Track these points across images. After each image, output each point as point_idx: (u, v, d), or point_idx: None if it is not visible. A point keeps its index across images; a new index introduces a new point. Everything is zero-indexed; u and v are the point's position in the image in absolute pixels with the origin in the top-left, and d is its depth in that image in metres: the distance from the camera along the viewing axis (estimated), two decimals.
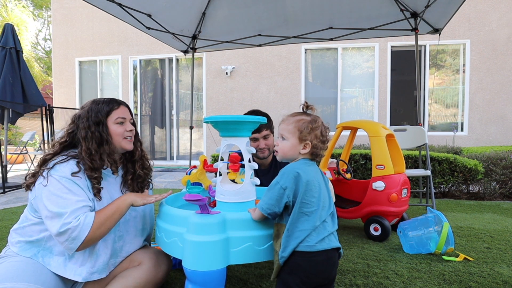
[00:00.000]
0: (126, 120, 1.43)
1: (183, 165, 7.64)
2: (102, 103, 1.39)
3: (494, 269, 1.80)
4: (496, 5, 6.70)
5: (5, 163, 4.77)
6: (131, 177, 1.47)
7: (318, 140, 1.22)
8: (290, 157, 1.25)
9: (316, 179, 1.18)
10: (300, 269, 1.11)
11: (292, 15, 3.62)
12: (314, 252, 1.10)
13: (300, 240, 1.11)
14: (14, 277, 1.14)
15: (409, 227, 2.11)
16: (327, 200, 1.19)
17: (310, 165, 1.22)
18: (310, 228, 1.12)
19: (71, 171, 1.25)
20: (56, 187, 1.20)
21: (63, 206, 1.17)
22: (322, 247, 1.11)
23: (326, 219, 1.16)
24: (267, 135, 2.16)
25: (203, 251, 1.18)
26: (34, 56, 15.70)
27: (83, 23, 8.33)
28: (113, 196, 1.38)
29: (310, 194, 1.14)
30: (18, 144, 8.58)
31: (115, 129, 1.39)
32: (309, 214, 1.13)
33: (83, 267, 1.27)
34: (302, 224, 1.13)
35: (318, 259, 1.11)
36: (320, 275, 1.12)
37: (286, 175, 1.16)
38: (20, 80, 4.83)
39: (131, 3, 3.11)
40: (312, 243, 1.10)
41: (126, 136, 1.42)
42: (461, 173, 3.81)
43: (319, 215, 1.14)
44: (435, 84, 7.04)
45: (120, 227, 1.36)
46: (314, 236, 1.11)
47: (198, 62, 7.70)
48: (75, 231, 1.15)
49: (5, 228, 2.64)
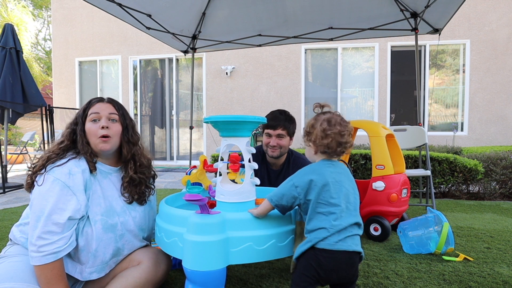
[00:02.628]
0: (100, 115, 1.30)
1: (183, 165, 7.64)
2: (87, 102, 1.36)
3: (494, 269, 1.80)
4: (496, 5, 6.70)
5: (5, 163, 4.77)
6: (127, 180, 1.39)
7: (320, 137, 1.19)
8: (313, 160, 1.27)
9: (336, 180, 1.16)
10: (317, 263, 1.10)
11: (292, 15, 3.62)
12: (333, 251, 1.09)
13: (320, 237, 1.10)
14: (14, 277, 1.15)
15: (409, 227, 2.11)
16: (352, 201, 1.17)
17: (329, 166, 1.20)
18: (328, 226, 1.11)
19: (69, 172, 1.22)
20: (47, 189, 1.19)
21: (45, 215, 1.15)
22: (342, 247, 1.10)
23: (351, 221, 1.14)
24: (281, 135, 2.11)
25: (203, 251, 1.18)
26: (34, 56, 15.70)
27: (83, 23, 8.33)
28: (106, 198, 1.33)
29: (328, 195, 1.13)
30: (18, 144, 8.58)
31: (89, 127, 1.30)
32: (328, 214, 1.12)
33: (82, 266, 1.27)
34: (321, 222, 1.12)
35: (337, 256, 1.10)
36: (335, 273, 1.11)
37: (301, 175, 1.18)
38: (20, 80, 4.83)
39: (131, 3, 3.11)
40: (332, 242, 1.10)
41: (99, 135, 1.28)
42: (461, 173, 3.81)
43: (340, 215, 1.12)
44: (435, 84, 7.04)
45: (120, 227, 1.35)
46: (335, 235, 1.10)
47: (198, 62, 7.70)
48: (40, 252, 1.14)
49: (5, 228, 2.64)
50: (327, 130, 1.18)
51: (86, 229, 1.25)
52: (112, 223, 1.31)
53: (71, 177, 1.22)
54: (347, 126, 1.21)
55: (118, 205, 1.36)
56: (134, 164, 1.40)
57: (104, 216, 1.29)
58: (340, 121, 1.21)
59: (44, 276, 1.15)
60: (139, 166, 1.41)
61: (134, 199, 1.41)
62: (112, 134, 1.32)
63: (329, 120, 1.20)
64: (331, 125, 1.19)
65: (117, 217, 1.34)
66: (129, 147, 1.38)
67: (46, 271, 1.15)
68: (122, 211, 1.36)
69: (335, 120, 1.20)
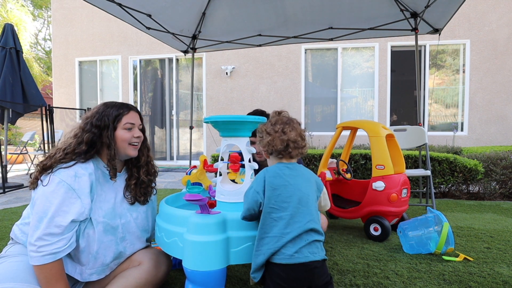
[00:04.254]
0: (135, 126, 1.40)
1: (183, 165, 7.64)
2: (112, 107, 1.37)
3: (494, 269, 1.80)
4: (496, 5, 6.70)
5: (5, 163, 4.77)
6: (134, 182, 1.43)
7: (265, 138, 1.20)
8: (269, 164, 1.26)
9: (290, 183, 1.13)
10: (281, 279, 1.06)
11: (292, 15, 3.63)
12: (291, 265, 1.05)
13: (270, 250, 1.06)
14: (14, 277, 1.15)
15: (409, 227, 2.11)
16: (308, 205, 1.12)
17: (284, 169, 1.17)
18: (280, 234, 1.07)
19: (75, 174, 1.22)
20: (52, 191, 1.18)
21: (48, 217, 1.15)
22: (300, 259, 1.05)
23: (306, 227, 1.08)
24: None
25: (203, 251, 1.18)
26: (34, 56, 15.69)
27: (83, 23, 8.33)
28: (108, 200, 1.34)
29: (280, 199, 1.10)
30: (18, 144, 8.57)
31: (122, 134, 1.36)
32: (278, 220, 1.09)
33: (82, 267, 1.27)
34: (271, 229, 1.09)
35: (297, 269, 1.05)
36: (303, 282, 1.07)
37: (258, 180, 1.17)
38: (20, 80, 4.82)
39: (131, 3, 3.11)
40: (287, 255, 1.05)
41: (132, 142, 1.39)
42: (461, 173, 3.81)
43: (291, 221, 1.08)
44: (435, 84, 7.04)
45: (121, 229, 1.35)
46: (290, 247, 1.06)
47: (198, 62, 7.70)
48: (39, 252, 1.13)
49: (5, 228, 2.63)
50: (269, 129, 1.20)
51: (88, 230, 1.25)
52: (113, 225, 1.31)
53: (77, 179, 1.22)
54: (292, 124, 1.20)
55: (120, 207, 1.37)
56: (147, 168, 1.49)
57: (106, 218, 1.29)
58: (286, 120, 1.21)
59: (43, 276, 1.15)
60: (151, 169, 1.51)
61: (137, 199, 1.43)
62: (139, 142, 1.44)
63: (274, 121, 1.22)
64: (273, 124, 1.21)
65: (118, 219, 1.34)
66: (147, 155, 1.49)
67: (45, 270, 1.15)
68: (123, 213, 1.37)
69: (279, 119, 1.22)
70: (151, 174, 1.50)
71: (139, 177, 1.44)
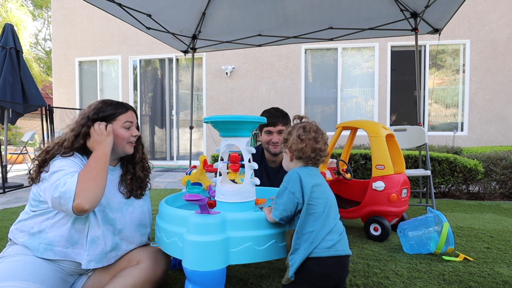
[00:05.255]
0: (133, 124, 1.47)
1: (183, 165, 7.64)
2: (109, 105, 1.42)
3: (494, 269, 1.79)
4: (496, 5, 6.70)
5: (5, 163, 4.77)
6: (130, 177, 1.49)
7: (296, 143, 1.25)
8: (289, 168, 1.31)
9: (319, 183, 1.21)
10: (311, 274, 1.12)
11: (292, 15, 3.63)
12: (326, 258, 1.12)
13: (312, 244, 1.12)
14: (13, 276, 1.15)
15: (409, 227, 2.11)
16: (334, 204, 1.22)
17: (312, 170, 1.25)
18: (319, 229, 1.13)
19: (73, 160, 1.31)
20: (56, 165, 1.27)
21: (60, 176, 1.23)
22: (333, 253, 1.12)
23: (336, 223, 1.18)
24: (282, 130, 2.17)
25: (203, 251, 1.18)
26: (34, 56, 15.69)
27: (83, 23, 8.33)
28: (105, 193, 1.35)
29: (316, 195, 1.17)
30: (18, 144, 8.57)
31: (122, 133, 1.42)
32: (317, 215, 1.15)
33: (81, 255, 1.29)
34: (311, 225, 1.15)
35: (329, 262, 1.12)
36: (330, 278, 1.13)
37: (292, 181, 1.20)
38: (20, 80, 4.83)
39: (131, 3, 3.11)
40: (323, 248, 1.12)
41: (131, 141, 1.45)
42: (461, 173, 3.81)
43: (327, 217, 1.16)
44: (435, 84, 7.04)
45: (118, 221, 1.38)
46: (326, 241, 1.13)
47: (198, 62, 7.70)
48: (64, 186, 1.18)
49: (5, 228, 2.64)
50: (302, 135, 1.25)
51: (89, 215, 1.30)
52: (110, 217, 1.36)
53: (75, 164, 1.31)
54: (322, 134, 1.28)
55: (115, 201, 1.41)
56: (143, 164, 1.55)
57: (105, 209, 1.34)
58: (316, 129, 1.28)
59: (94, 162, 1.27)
60: (145, 165, 1.57)
61: (133, 193, 1.48)
62: (136, 140, 1.50)
63: (304, 127, 1.27)
64: (306, 131, 1.25)
65: (114, 213, 1.38)
66: (142, 152, 1.56)
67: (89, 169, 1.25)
68: (119, 207, 1.41)
69: (310, 127, 1.27)
70: (146, 170, 1.57)
71: (135, 173, 1.51)
